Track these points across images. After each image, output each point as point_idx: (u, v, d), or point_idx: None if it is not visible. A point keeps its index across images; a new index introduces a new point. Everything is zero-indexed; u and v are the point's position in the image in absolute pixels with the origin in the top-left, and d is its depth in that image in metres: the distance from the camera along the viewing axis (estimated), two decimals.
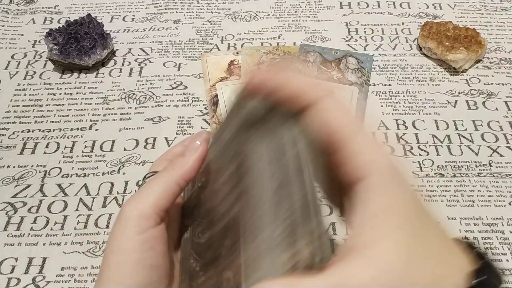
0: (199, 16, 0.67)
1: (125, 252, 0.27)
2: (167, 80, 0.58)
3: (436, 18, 0.66)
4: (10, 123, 0.54)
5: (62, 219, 0.45)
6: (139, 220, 0.27)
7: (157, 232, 0.27)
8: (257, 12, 0.68)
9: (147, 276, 0.27)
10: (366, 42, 0.63)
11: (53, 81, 0.58)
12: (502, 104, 0.55)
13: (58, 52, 0.57)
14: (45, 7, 0.69)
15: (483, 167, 0.49)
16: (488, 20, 0.66)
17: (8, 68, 0.60)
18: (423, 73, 0.59)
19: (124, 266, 0.26)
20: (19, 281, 0.41)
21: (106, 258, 0.27)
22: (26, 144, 0.52)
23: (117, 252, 0.27)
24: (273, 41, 0.63)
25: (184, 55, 0.62)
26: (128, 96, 0.56)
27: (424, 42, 0.60)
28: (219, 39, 0.64)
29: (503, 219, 0.44)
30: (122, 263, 0.27)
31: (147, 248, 0.27)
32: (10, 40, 0.64)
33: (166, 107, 0.55)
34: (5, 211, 0.46)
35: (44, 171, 0.49)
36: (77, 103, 0.56)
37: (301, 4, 0.69)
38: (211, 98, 0.56)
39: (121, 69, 0.60)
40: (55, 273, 0.41)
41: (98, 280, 0.27)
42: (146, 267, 0.27)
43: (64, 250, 0.43)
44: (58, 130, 0.53)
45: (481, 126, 0.53)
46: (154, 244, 0.27)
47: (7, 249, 0.43)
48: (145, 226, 0.27)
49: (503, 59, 0.60)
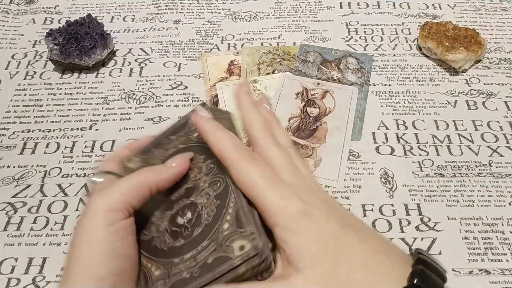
0: (199, 16, 0.67)
1: (95, 243, 0.27)
2: (167, 80, 0.58)
3: (436, 18, 0.66)
4: (10, 123, 0.54)
5: (62, 219, 0.45)
6: (107, 213, 0.27)
7: (126, 223, 0.28)
8: (257, 12, 0.68)
9: (120, 265, 0.27)
10: (366, 42, 0.63)
11: (53, 81, 0.58)
12: (502, 104, 0.55)
13: (58, 52, 0.57)
14: (45, 7, 0.69)
15: (483, 167, 0.49)
16: (488, 20, 0.66)
17: (8, 68, 0.60)
18: (423, 73, 0.59)
19: (95, 256, 0.27)
20: (19, 281, 0.41)
21: (75, 251, 0.27)
22: (26, 144, 0.52)
23: (87, 244, 0.27)
24: (273, 41, 0.63)
25: (184, 55, 0.62)
26: (128, 96, 0.56)
27: (424, 42, 0.60)
28: (219, 39, 0.64)
29: (503, 219, 0.44)
30: (92, 254, 0.27)
31: (117, 238, 0.27)
32: (11, 40, 0.64)
33: (166, 107, 0.55)
34: (5, 211, 0.46)
35: (44, 171, 0.49)
36: (77, 103, 0.56)
37: (301, 4, 0.69)
38: (211, 98, 0.56)
39: (121, 69, 0.60)
40: (55, 273, 0.41)
41: (65, 275, 0.27)
42: (118, 257, 0.27)
43: (64, 250, 0.43)
44: (58, 130, 0.53)
45: (481, 126, 0.53)
46: (124, 235, 0.28)
47: (7, 249, 0.43)
48: (114, 219, 0.28)
49: (502, 59, 0.60)
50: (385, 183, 0.47)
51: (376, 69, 0.59)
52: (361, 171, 0.49)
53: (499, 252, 0.42)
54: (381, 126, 0.53)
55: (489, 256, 0.42)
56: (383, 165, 0.49)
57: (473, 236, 0.43)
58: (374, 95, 0.56)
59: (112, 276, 0.27)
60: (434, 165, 0.49)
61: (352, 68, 0.59)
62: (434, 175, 0.48)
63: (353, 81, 0.57)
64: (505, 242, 0.43)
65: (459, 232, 0.44)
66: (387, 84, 0.57)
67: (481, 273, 0.41)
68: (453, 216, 0.45)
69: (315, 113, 0.53)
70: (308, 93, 0.56)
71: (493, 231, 0.44)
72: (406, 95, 0.56)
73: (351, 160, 0.49)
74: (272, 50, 0.61)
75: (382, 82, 0.58)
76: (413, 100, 0.55)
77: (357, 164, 0.49)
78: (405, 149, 0.51)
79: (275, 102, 0.55)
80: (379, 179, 0.48)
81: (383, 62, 0.60)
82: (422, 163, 0.49)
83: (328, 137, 0.51)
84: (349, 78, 0.58)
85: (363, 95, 0.56)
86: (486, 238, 0.43)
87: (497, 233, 0.43)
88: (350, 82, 0.57)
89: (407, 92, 0.56)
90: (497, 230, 0.44)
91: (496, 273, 0.41)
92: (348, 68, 0.59)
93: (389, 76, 0.58)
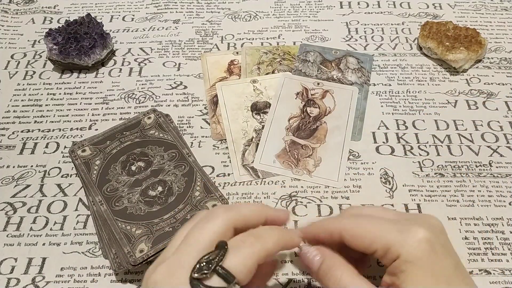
0: (199, 16, 0.67)
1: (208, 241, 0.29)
2: (166, 80, 0.58)
3: (436, 18, 0.66)
4: (9, 123, 0.54)
5: (61, 219, 0.45)
6: (226, 227, 0.31)
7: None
8: (257, 12, 0.68)
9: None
10: (366, 42, 0.63)
11: (53, 81, 0.58)
12: (502, 104, 0.55)
13: (57, 52, 0.57)
14: (44, 7, 0.69)
15: (483, 167, 0.49)
16: (488, 20, 0.66)
17: (7, 68, 0.60)
18: (423, 73, 0.58)
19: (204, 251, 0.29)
20: (19, 281, 0.41)
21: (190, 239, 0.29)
22: (25, 144, 0.51)
23: (200, 242, 0.29)
24: (273, 41, 0.63)
25: (184, 55, 0.62)
26: (127, 96, 0.56)
27: (424, 42, 0.60)
28: (219, 39, 0.64)
29: (503, 219, 0.44)
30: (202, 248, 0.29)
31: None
32: (10, 40, 0.64)
33: (165, 107, 0.55)
34: (4, 211, 0.46)
35: (44, 171, 0.49)
36: (76, 103, 0.56)
37: (301, 4, 0.69)
38: (211, 98, 0.56)
39: (120, 69, 0.60)
40: (54, 273, 0.41)
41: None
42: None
43: (64, 250, 0.43)
44: (57, 130, 0.53)
45: (481, 126, 0.53)
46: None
47: (6, 249, 0.43)
48: (227, 235, 0.30)
49: (503, 59, 0.60)
50: (385, 183, 0.47)
51: (376, 69, 0.59)
52: (361, 171, 0.48)
53: (499, 252, 0.42)
54: (381, 126, 0.53)
55: (489, 256, 0.42)
56: (383, 165, 0.49)
57: (473, 236, 0.43)
58: (374, 95, 0.56)
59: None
60: (434, 165, 0.49)
61: (352, 67, 0.59)
62: (434, 175, 0.48)
63: (353, 81, 0.57)
64: (505, 242, 0.43)
65: (459, 232, 0.43)
66: (387, 84, 0.57)
67: (481, 273, 0.41)
68: (453, 216, 0.45)
69: (315, 113, 0.53)
70: (308, 93, 0.55)
71: (493, 231, 0.44)
72: (406, 95, 0.56)
73: (351, 160, 0.49)
74: (272, 49, 0.61)
75: (382, 82, 0.58)
76: (413, 100, 0.55)
77: (357, 164, 0.49)
78: (405, 149, 0.50)
79: (275, 102, 0.54)
80: (379, 179, 0.48)
81: (383, 62, 0.60)
82: (422, 163, 0.49)
83: (328, 137, 0.51)
84: (349, 78, 0.57)
85: (363, 95, 0.56)
86: (486, 238, 0.43)
87: (497, 233, 0.43)
88: (350, 82, 0.57)
89: (407, 92, 0.56)
90: (497, 230, 0.44)
91: (496, 273, 0.41)
92: (348, 68, 0.59)
93: (389, 76, 0.58)
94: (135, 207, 0.43)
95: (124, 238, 0.41)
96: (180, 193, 0.44)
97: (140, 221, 0.42)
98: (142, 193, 0.44)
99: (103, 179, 0.46)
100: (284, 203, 0.46)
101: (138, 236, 0.41)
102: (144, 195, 0.44)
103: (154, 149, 0.48)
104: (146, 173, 0.46)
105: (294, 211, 0.45)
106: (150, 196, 0.44)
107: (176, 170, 0.46)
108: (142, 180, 0.46)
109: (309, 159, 0.49)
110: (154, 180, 0.46)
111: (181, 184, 0.45)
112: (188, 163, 0.47)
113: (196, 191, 0.44)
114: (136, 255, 0.40)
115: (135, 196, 0.44)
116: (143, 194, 0.44)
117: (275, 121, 0.53)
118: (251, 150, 0.50)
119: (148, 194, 0.44)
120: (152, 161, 0.47)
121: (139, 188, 0.45)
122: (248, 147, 0.50)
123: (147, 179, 0.46)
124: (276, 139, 0.51)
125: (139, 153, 0.48)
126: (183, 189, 0.45)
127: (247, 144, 0.51)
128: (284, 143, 0.51)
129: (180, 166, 0.46)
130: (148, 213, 0.43)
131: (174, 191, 0.44)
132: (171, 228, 0.42)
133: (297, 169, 0.48)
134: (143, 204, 0.44)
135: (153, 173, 0.46)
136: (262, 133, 0.51)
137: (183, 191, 0.44)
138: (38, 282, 0.41)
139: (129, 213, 0.43)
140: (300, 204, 0.46)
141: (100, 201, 0.44)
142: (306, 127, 0.52)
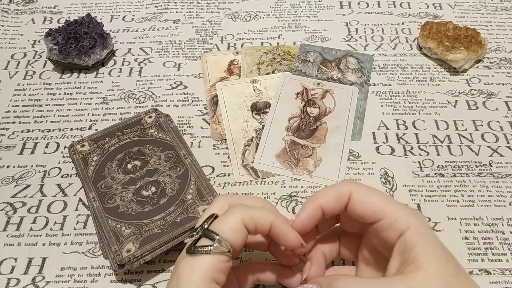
0: (199, 16, 0.67)
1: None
2: (166, 80, 0.58)
3: (436, 18, 0.66)
4: (9, 123, 0.54)
5: (61, 219, 0.45)
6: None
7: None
8: (257, 12, 0.68)
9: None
10: (366, 42, 0.63)
11: (53, 81, 0.58)
12: (502, 104, 0.55)
13: (57, 52, 0.57)
14: (44, 7, 0.69)
15: (483, 167, 0.49)
16: (488, 20, 0.66)
17: (7, 68, 0.60)
18: (423, 73, 0.58)
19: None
20: (19, 281, 0.41)
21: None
22: (25, 144, 0.51)
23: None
24: (273, 41, 0.63)
25: (184, 55, 0.62)
26: (127, 96, 0.56)
27: (424, 42, 0.60)
28: (219, 39, 0.64)
29: (503, 219, 0.44)
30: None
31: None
32: (10, 40, 0.64)
33: (166, 107, 0.55)
34: (4, 211, 0.46)
35: (44, 171, 0.49)
36: (76, 103, 0.56)
37: (301, 4, 0.69)
38: (211, 98, 0.56)
39: (120, 69, 0.60)
40: (54, 273, 0.41)
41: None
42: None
43: (64, 250, 0.43)
44: (57, 130, 0.53)
45: (481, 126, 0.53)
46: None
47: (6, 249, 0.43)
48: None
49: (503, 59, 0.60)
50: (385, 183, 0.47)
51: (376, 69, 0.59)
52: (361, 171, 0.48)
53: (499, 252, 0.42)
54: (381, 126, 0.53)
55: (489, 256, 0.42)
56: (383, 165, 0.49)
57: (473, 236, 0.43)
58: (374, 95, 0.56)
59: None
60: (434, 165, 0.49)
61: (352, 68, 0.59)
62: (434, 175, 0.48)
63: (353, 81, 0.57)
64: (505, 242, 0.43)
65: (459, 232, 0.43)
66: (387, 84, 0.57)
67: (481, 273, 0.41)
68: (453, 216, 0.45)
69: (315, 113, 0.53)
70: (308, 93, 0.55)
71: (493, 231, 0.44)
72: (407, 95, 0.56)
73: (351, 160, 0.49)
74: (272, 49, 0.61)
75: (382, 82, 0.58)
76: (413, 100, 0.55)
77: (357, 164, 0.49)
78: (405, 149, 0.50)
79: (275, 102, 0.54)
80: (379, 179, 0.48)
81: (383, 62, 0.60)
82: (422, 163, 0.49)
83: (328, 137, 0.51)
84: (349, 78, 0.57)
85: (363, 95, 0.56)
86: (486, 238, 0.43)
87: (497, 233, 0.43)
88: (350, 82, 0.57)
89: (407, 92, 0.56)
90: (497, 230, 0.44)
91: (496, 273, 0.41)
92: (348, 68, 0.59)
93: (389, 76, 0.58)
94: (127, 206, 0.43)
95: (113, 236, 0.41)
96: (173, 195, 0.44)
97: (130, 221, 0.42)
98: (135, 192, 0.44)
99: (98, 175, 0.46)
100: (284, 203, 0.46)
101: (127, 235, 0.40)
102: (137, 195, 0.44)
103: (152, 149, 0.48)
104: (141, 172, 0.46)
105: (294, 211, 0.45)
106: (143, 196, 0.44)
107: (171, 172, 0.46)
108: (137, 179, 0.45)
109: (309, 159, 0.49)
110: (148, 180, 0.45)
111: (174, 186, 0.44)
112: (184, 165, 0.46)
113: (188, 194, 0.44)
114: (122, 254, 0.39)
115: (128, 195, 0.44)
116: (136, 193, 0.44)
117: (275, 121, 0.53)
118: (251, 150, 0.50)
119: (141, 193, 0.44)
120: (148, 160, 0.47)
121: (133, 187, 0.45)
122: (248, 147, 0.50)
123: (141, 178, 0.45)
124: (276, 139, 0.51)
125: (136, 151, 0.48)
126: (176, 191, 0.44)
127: (247, 144, 0.51)
128: (284, 143, 0.51)
129: (175, 168, 0.46)
130: (139, 213, 0.42)
131: (167, 193, 0.44)
132: (160, 230, 0.41)
133: (297, 169, 0.48)
134: (135, 204, 0.43)
135: (148, 173, 0.46)
136: (262, 133, 0.51)
137: (176, 193, 0.44)
138: (38, 282, 0.41)
139: (120, 212, 0.43)
140: (300, 204, 0.46)
141: (94, 197, 0.44)
142: (306, 127, 0.52)
